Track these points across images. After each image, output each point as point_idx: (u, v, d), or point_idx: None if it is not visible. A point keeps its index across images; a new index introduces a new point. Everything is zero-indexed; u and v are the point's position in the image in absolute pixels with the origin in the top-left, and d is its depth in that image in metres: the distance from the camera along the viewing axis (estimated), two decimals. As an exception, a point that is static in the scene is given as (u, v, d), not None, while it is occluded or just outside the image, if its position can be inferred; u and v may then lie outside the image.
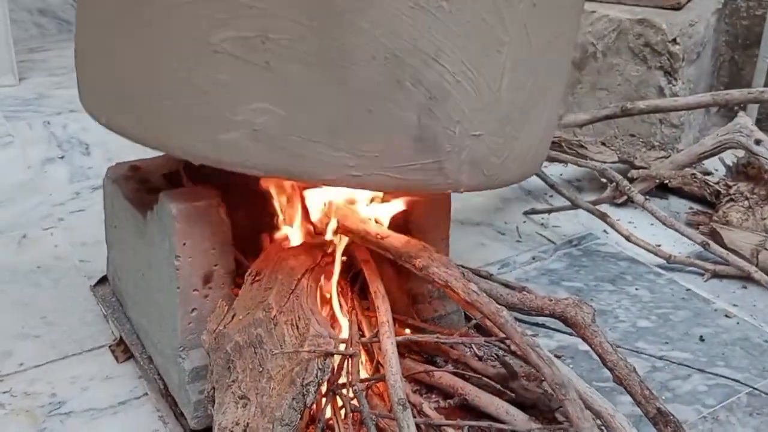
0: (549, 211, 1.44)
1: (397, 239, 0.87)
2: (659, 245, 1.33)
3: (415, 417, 0.75)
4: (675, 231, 1.21)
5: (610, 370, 0.81)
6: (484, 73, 0.67)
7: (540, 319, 1.07)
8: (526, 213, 1.48)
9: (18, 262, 1.28)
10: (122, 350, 1.05)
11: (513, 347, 0.82)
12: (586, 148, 1.47)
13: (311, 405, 0.75)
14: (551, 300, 0.85)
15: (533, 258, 1.34)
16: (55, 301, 1.18)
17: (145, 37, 0.68)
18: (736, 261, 1.13)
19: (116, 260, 1.08)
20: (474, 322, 0.91)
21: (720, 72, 1.90)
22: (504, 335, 0.79)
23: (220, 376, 0.79)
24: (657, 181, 1.43)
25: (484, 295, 0.81)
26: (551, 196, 1.51)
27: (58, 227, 1.40)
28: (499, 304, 0.84)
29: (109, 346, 1.07)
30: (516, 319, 0.83)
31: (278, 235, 0.94)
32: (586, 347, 0.81)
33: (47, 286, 1.22)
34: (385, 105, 0.65)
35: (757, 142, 1.30)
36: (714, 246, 1.17)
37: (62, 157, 1.66)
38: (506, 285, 1.23)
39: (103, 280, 1.15)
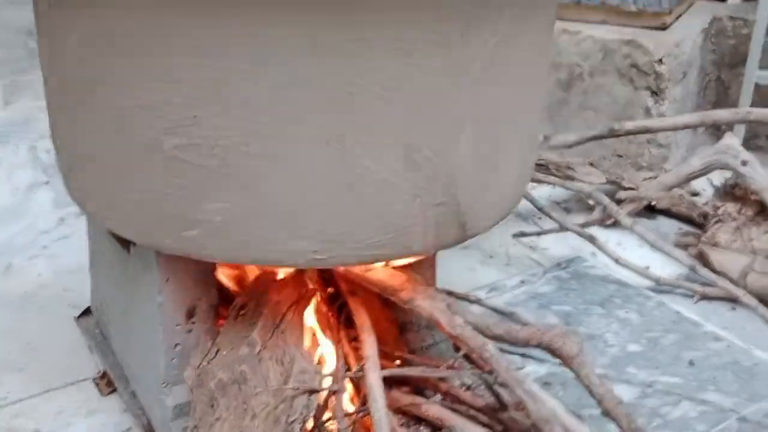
0: (538, 234, 1.44)
1: (382, 272, 0.86)
2: (648, 267, 1.32)
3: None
4: (664, 253, 1.20)
5: (598, 402, 0.80)
6: (441, 147, 0.68)
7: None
8: (515, 235, 1.47)
9: (3, 291, 1.27)
10: (106, 383, 1.03)
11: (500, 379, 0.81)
12: (575, 170, 1.47)
13: (296, 443, 0.74)
14: (538, 330, 0.84)
15: (522, 281, 1.34)
16: (40, 330, 1.17)
17: (107, 137, 0.72)
18: (725, 284, 1.13)
19: (100, 292, 1.07)
20: (463, 351, 0.90)
21: (707, 91, 1.90)
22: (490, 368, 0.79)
23: (203, 414, 0.78)
24: (645, 202, 1.43)
25: (470, 328, 0.80)
26: (540, 218, 1.50)
27: (43, 255, 1.39)
28: (486, 335, 0.84)
29: (94, 379, 1.05)
30: (502, 350, 0.83)
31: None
32: (577, 375, 0.81)
33: (32, 315, 1.21)
34: (340, 192, 0.67)
35: (744, 163, 1.30)
36: (702, 269, 1.17)
37: (47, 183, 1.65)
38: (495, 310, 1.23)
39: (87, 311, 1.14)
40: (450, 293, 1.27)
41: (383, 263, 0.83)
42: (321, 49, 0.61)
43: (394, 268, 0.89)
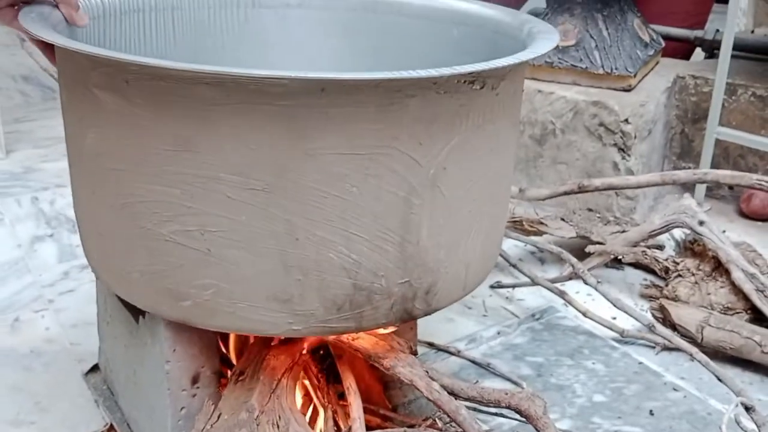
0: (513, 286, 1.54)
1: (367, 340, 0.96)
2: (615, 318, 1.43)
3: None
4: (624, 312, 1.31)
5: (560, 458, 0.90)
6: (401, 233, 0.78)
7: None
8: (492, 287, 1.57)
9: (11, 346, 1.35)
10: (113, 437, 1.12)
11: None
12: (547, 225, 1.58)
13: (291, 500, 0.83)
14: (507, 393, 0.94)
15: (498, 333, 1.44)
16: (48, 385, 1.25)
17: (114, 221, 0.83)
18: (680, 342, 1.23)
19: (108, 352, 1.16)
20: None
21: (672, 143, 2.03)
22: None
23: (207, 474, 0.87)
24: (612, 256, 1.54)
25: (445, 393, 0.90)
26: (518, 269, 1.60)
27: (49, 309, 1.47)
28: (460, 397, 0.94)
29: (101, 432, 1.14)
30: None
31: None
32: None
33: (39, 370, 1.29)
34: (316, 275, 0.78)
35: (701, 222, 1.41)
36: (659, 327, 1.27)
37: (51, 235, 1.74)
38: (473, 362, 1.34)
39: (94, 368, 1.23)
40: (431, 344, 1.38)
41: (355, 333, 0.93)
42: (287, 166, 0.73)
43: (378, 335, 0.99)
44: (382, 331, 0.98)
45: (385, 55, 1.23)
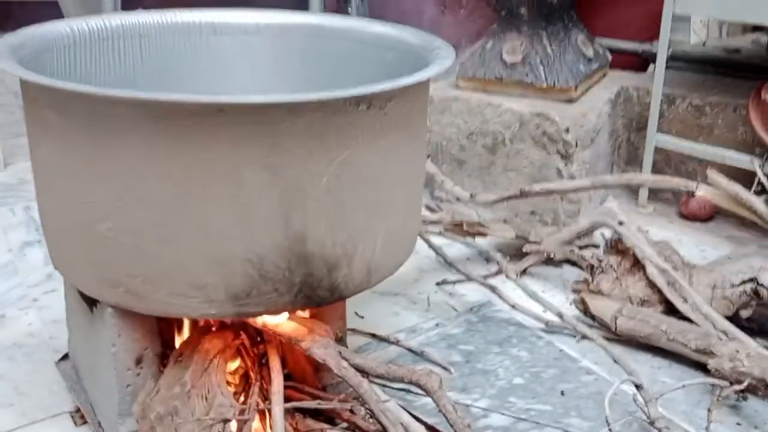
0: (455, 282, 1.68)
1: (289, 326, 1.10)
2: (545, 311, 1.56)
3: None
4: (539, 303, 1.44)
5: (451, 425, 1.04)
6: (300, 231, 0.93)
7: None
8: (438, 284, 1.71)
9: (-3, 340, 1.51)
10: (80, 416, 1.27)
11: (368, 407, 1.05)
12: (487, 227, 1.71)
13: (214, 460, 0.98)
14: (409, 371, 1.08)
15: (437, 324, 1.58)
16: (27, 373, 1.40)
17: (61, 218, 1.01)
18: (584, 330, 1.36)
19: (73, 341, 1.31)
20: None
21: (620, 151, 2.16)
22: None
23: (146, 439, 1.02)
24: (545, 254, 1.67)
25: (352, 369, 1.05)
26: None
27: (33, 307, 1.63)
28: (369, 374, 1.08)
29: (70, 413, 1.29)
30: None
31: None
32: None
33: (21, 360, 1.44)
34: (225, 266, 0.94)
35: (620, 223, 1.55)
36: (566, 316, 1.41)
37: (39, 241, 1.90)
38: (409, 350, 1.48)
39: (65, 356, 1.38)
40: (374, 335, 1.52)
41: (264, 316, 1.07)
42: (196, 174, 0.88)
43: (303, 321, 1.14)
44: (302, 316, 1.13)
45: (334, 76, 1.38)
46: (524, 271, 1.72)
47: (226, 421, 0.99)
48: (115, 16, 1.32)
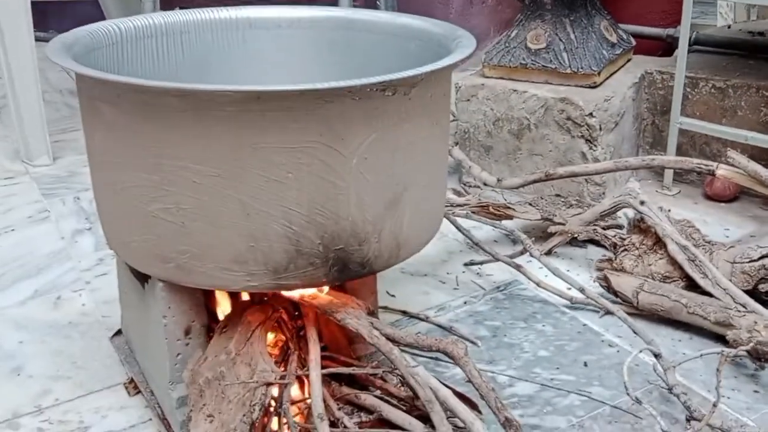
0: (482, 263, 1.75)
1: (324, 299, 1.19)
2: (570, 288, 1.62)
3: (338, 428, 1.07)
4: (562, 279, 1.51)
5: (477, 388, 1.11)
6: (332, 209, 1.00)
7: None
8: (465, 264, 1.79)
9: (54, 319, 1.62)
10: (133, 387, 1.37)
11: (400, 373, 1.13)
12: (514, 209, 1.78)
13: (257, 420, 1.07)
14: (436, 339, 1.16)
15: (465, 302, 1.65)
16: (83, 349, 1.51)
17: (116, 201, 1.11)
18: (604, 303, 1.42)
19: (126, 317, 1.41)
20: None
21: (645, 134, 2.20)
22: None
23: (195, 402, 1.11)
24: (570, 235, 1.73)
25: (383, 338, 1.12)
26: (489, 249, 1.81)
27: (86, 289, 1.74)
28: (398, 343, 1.16)
29: (124, 384, 1.39)
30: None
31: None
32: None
33: (76, 337, 1.56)
34: (264, 243, 1.01)
35: (642, 202, 1.60)
36: (588, 290, 1.47)
37: (89, 229, 2.02)
38: (438, 326, 1.55)
39: (118, 333, 1.49)
40: (405, 312, 1.60)
41: (300, 289, 1.15)
42: (236, 157, 0.97)
43: (337, 295, 1.22)
44: (328, 290, 1.21)
45: (362, 65, 1.46)
46: (549, 252, 1.78)
47: (269, 384, 1.08)
48: (158, 16, 1.42)
